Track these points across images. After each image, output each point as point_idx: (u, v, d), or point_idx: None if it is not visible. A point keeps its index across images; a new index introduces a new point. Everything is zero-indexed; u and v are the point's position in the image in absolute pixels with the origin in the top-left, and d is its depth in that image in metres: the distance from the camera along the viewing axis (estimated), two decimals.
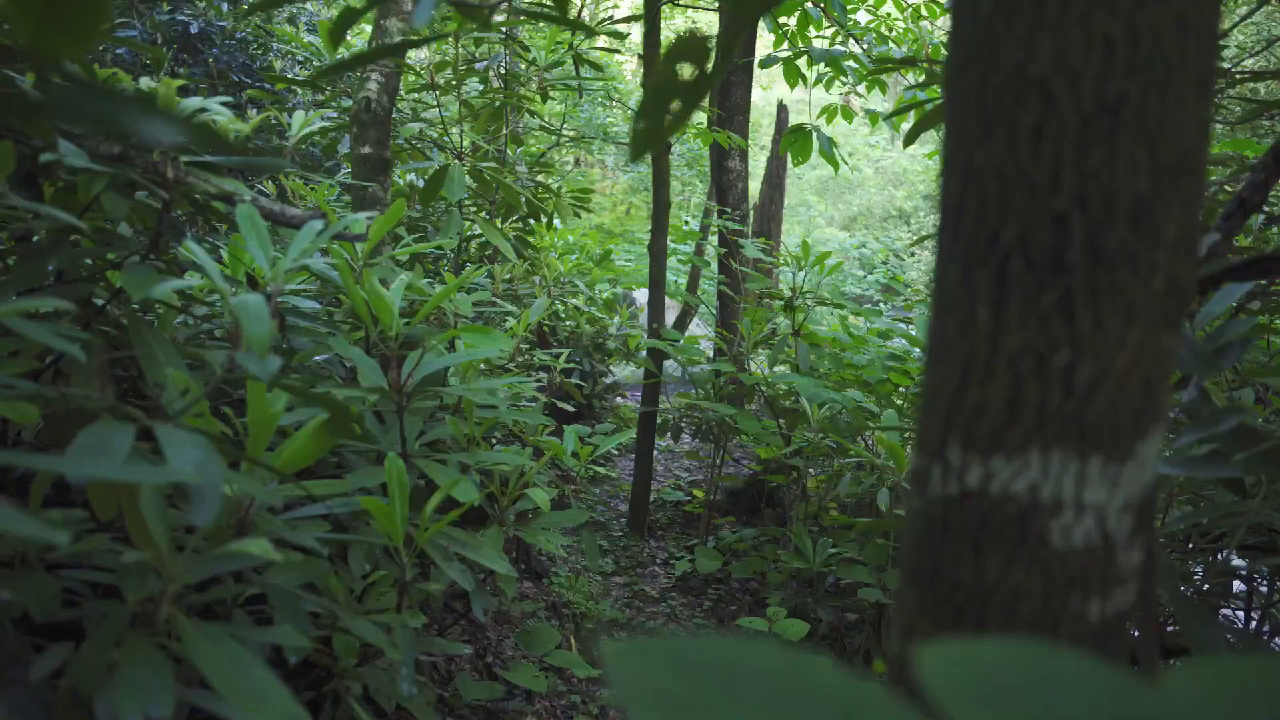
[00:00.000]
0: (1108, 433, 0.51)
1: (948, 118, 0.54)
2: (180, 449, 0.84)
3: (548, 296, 4.19)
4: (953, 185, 0.54)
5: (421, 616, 1.80)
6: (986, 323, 0.52)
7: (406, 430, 1.90)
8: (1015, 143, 0.49)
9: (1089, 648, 0.54)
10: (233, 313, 0.97)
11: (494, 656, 3.06)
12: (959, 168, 0.53)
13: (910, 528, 0.60)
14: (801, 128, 4.00)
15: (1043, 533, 0.53)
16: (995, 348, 0.52)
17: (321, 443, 1.23)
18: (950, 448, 0.55)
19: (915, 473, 0.59)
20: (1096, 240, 0.49)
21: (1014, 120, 0.49)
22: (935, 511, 0.56)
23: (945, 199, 0.55)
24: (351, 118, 2.39)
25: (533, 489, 2.27)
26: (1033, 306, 0.50)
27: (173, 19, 6.42)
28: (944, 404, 0.55)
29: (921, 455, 0.58)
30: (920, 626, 0.58)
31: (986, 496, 0.54)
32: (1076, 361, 0.50)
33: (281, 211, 1.26)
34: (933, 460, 0.57)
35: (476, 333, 1.79)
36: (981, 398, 0.53)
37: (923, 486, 0.58)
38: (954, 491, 0.55)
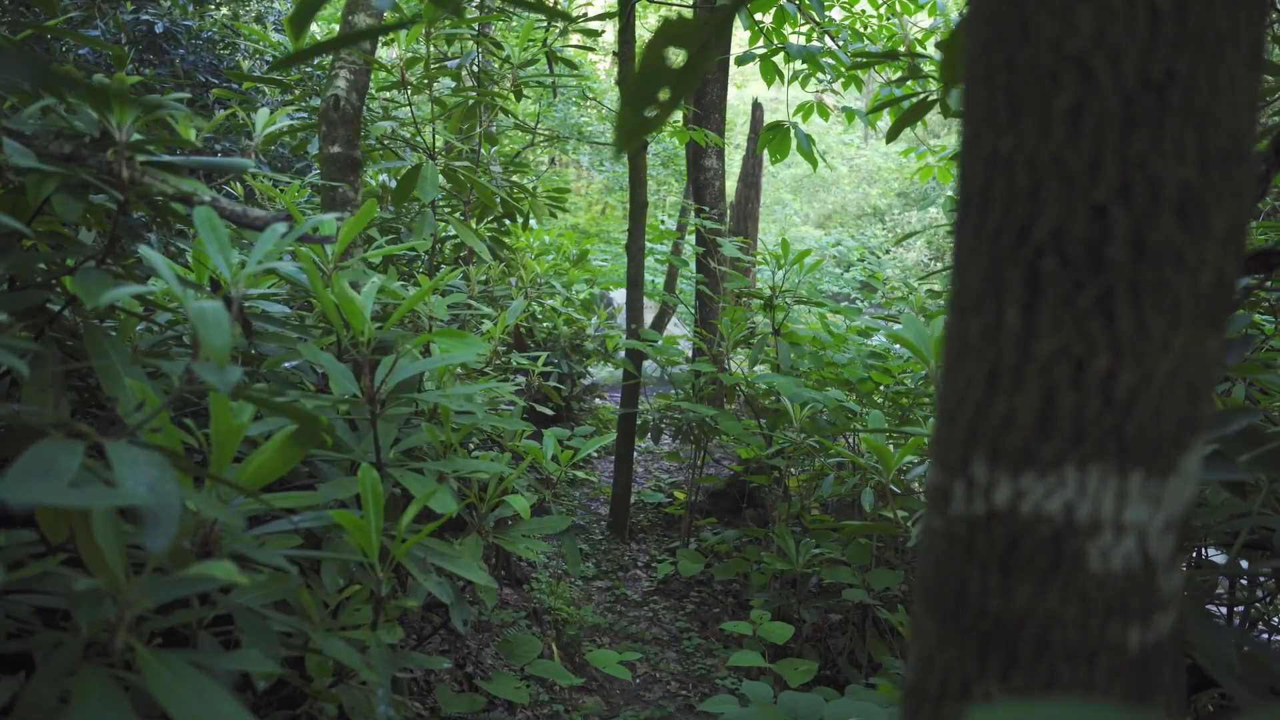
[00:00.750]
0: (1150, 445, 0.47)
1: (968, 100, 0.50)
2: (133, 468, 0.78)
3: (524, 298, 4.13)
4: (975, 174, 0.49)
5: (399, 631, 1.74)
6: (1016, 326, 0.47)
7: (381, 438, 1.83)
8: (1049, 126, 0.44)
9: (1129, 680, 0.50)
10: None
11: (474, 666, 2.99)
12: (983, 155, 0.48)
13: (929, 549, 0.55)
14: (780, 125, 3.96)
15: (1079, 556, 0.48)
16: (1026, 353, 0.47)
17: (289, 455, 1.17)
18: (975, 463, 0.50)
19: (933, 489, 0.54)
20: (1140, 234, 0.44)
21: (1048, 101, 0.44)
22: (958, 532, 0.52)
23: (966, 190, 0.50)
24: (320, 116, 2.32)
25: (512, 496, 2.22)
26: (1068, 307, 0.46)
27: (137, 18, 6.29)
28: (967, 415, 0.50)
29: (941, 470, 0.53)
30: (943, 656, 0.53)
31: (1017, 517, 0.49)
32: (1117, 367, 0.46)
33: (244, 213, 1.20)
34: (954, 476, 0.52)
35: (452, 336, 1.73)
36: (1010, 408, 0.48)
37: (943, 505, 0.53)
38: (979, 511, 0.50)
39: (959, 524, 0.51)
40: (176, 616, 1.10)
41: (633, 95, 0.68)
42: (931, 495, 0.54)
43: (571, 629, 3.48)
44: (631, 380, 4.55)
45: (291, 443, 1.16)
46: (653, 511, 5.16)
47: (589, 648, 3.52)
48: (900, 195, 22.53)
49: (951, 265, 0.53)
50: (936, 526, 0.53)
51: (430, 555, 1.78)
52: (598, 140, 12.46)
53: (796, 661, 3.08)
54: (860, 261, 17.47)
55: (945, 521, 0.52)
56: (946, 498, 0.52)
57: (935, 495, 0.53)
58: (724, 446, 5.70)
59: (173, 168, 1.38)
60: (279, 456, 1.17)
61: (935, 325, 1.68)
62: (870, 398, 4.05)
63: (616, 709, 3.17)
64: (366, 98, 3.14)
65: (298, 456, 1.18)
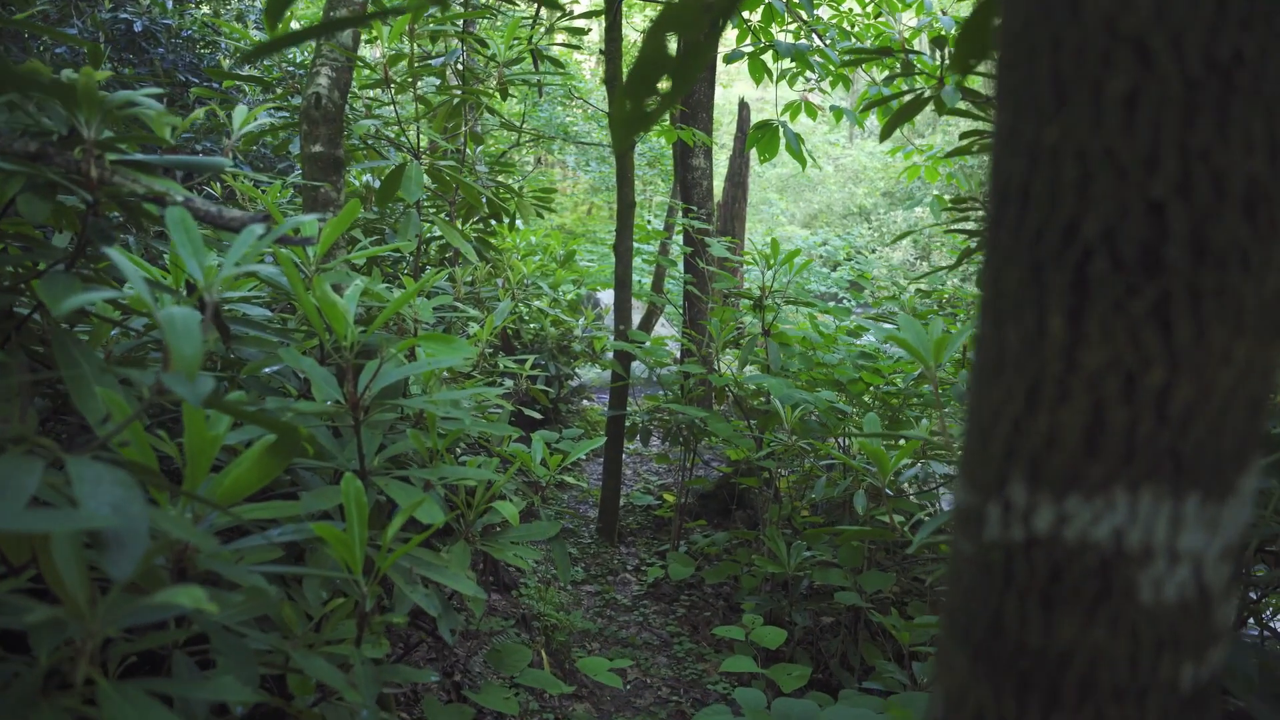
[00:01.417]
0: (1207, 466, 0.43)
1: (1004, 87, 0.45)
2: (95, 487, 0.73)
3: (511, 299, 4.08)
4: (1013, 168, 0.45)
5: (385, 645, 1.69)
6: (1060, 334, 0.43)
7: (365, 445, 1.78)
8: (1101, 114, 0.40)
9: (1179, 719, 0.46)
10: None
11: (463, 675, 2.94)
12: (1023, 147, 0.44)
13: (958, 575, 0.51)
14: (768, 123, 3.92)
15: (1129, 587, 0.44)
16: (1071, 364, 0.43)
17: (268, 467, 1.12)
18: (1012, 484, 0.46)
19: (964, 512, 0.50)
20: (1201, 233, 0.40)
21: (1099, 87, 0.40)
22: (994, 560, 0.47)
23: (1002, 186, 0.46)
24: (301, 114, 2.26)
25: (500, 502, 2.16)
26: (1120, 314, 0.41)
27: (115, 17, 6.19)
28: (1004, 431, 0.46)
29: (972, 490, 0.49)
30: (976, 693, 0.49)
31: (1060, 544, 0.45)
32: (1173, 380, 0.41)
33: (219, 213, 1.14)
34: (988, 498, 0.47)
35: (437, 340, 1.68)
36: (1053, 424, 0.44)
37: (975, 528, 0.48)
38: (1018, 537, 0.46)
39: (994, 550, 0.47)
40: (149, 640, 1.04)
41: (632, 86, 0.63)
42: (961, 517, 0.50)
43: (561, 635, 3.43)
44: (620, 382, 4.50)
45: (270, 454, 1.11)
46: (642, 514, 5.12)
47: (579, 654, 3.47)
48: (885, 195, 22.59)
49: (983, 267, 0.48)
50: (967, 552, 0.49)
51: (417, 566, 1.72)
52: (584, 140, 12.41)
53: (789, 667, 3.04)
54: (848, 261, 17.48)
55: (978, 547, 0.48)
56: (979, 521, 0.48)
57: (966, 518, 0.49)
58: (713, 448, 5.66)
59: (145, 167, 1.32)
60: (257, 469, 1.12)
61: (934, 326, 1.64)
62: (860, 399, 4.01)
63: (608, 716, 3.13)
64: (349, 96, 3.08)
65: (277, 469, 1.13)
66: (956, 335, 1.62)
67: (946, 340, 1.60)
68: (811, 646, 3.71)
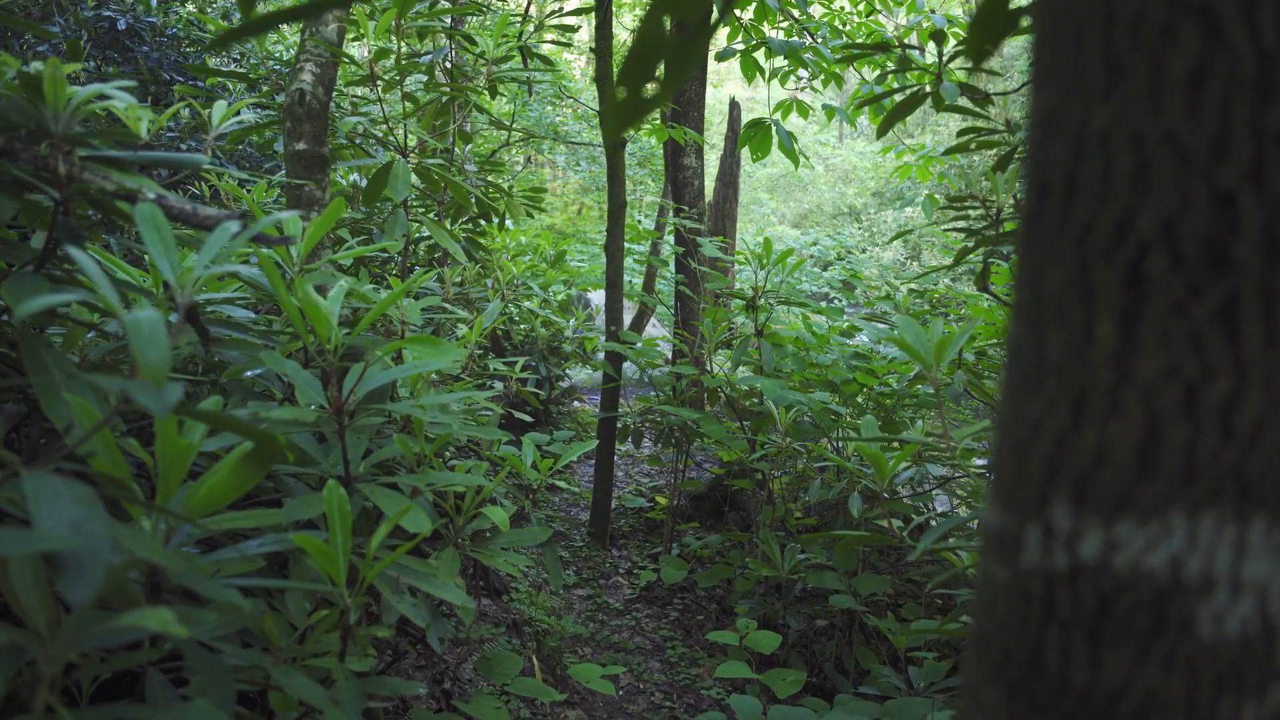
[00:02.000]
0: (1276, 487, 0.38)
1: (1044, 66, 0.41)
2: (53, 504, 0.68)
3: (501, 300, 4.03)
4: (1055, 156, 0.40)
5: (371, 657, 1.64)
6: (1110, 340, 0.39)
7: (350, 451, 1.72)
8: (1161, 94, 0.36)
9: None
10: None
11: (452, 682, 2.89)
12: (1068, 132, 0.39)
13: (989, 604, 0.46)
14: (761, 122, 3.88)
15: (1187, 621, 0.39)
16: (1123, 374, 0.39)
17: (245, 477, 1.06)
18: (1055, 506, 0.41)
19: (997, 534, 0.45)
20: (1276, 226, 0.35)
21: (1159, 63, 0.36)
22: (1033, 588, 0.43)
23: (1042, 176, 0.41)
24: (284, 111, 2.20)
25: (490, 507, 2.11)
26: (1180, 318, 0.37)
27: (98, 15, 6.10)
28: (1044, 448, 0.42)
29: (1007, 511, 0.45)
30: None
31: (1109, 572, 0.40)
32: (1239, 392, 0.37)
33: (193, 211, 1.09)
34: (1027, 520, 0.43)
35: (424, 343, 1.63)
36: (1102, 441, 0.40)
37: (1011, 553, 0.44)
38: (1061, 564, 0.41)
39: (1033, 578, 0.42)
40: (121, 660, 0.99)
41: (627, 72, 0.58)
42: (994, 540, 0.45)
43: (552, 640, 3.38)
44: (611, 383, 4.45)
45: (247, 463, 1.06)
46: (634, 516, 5.07)
47: (571, 659, 3.42)
48: (875, 195, 22.61)
49: (1017, 267, 0.44)
50: (1001, 578, 0.44)
51: (404, 574, 1.67)
52: (574, 140, 12.36)
53: (784, 672, 3.00)
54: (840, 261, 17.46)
55: (1014, 573, 0.43)
56: (1016, 545, 0.43)
57: (1000, 541, 0.45)
58: (705, 449, 5.62)
59: (118, 163, 1.27)
60: (233, 478, 1.07)
61: (934, 327, 1.60)
62: (854, 399, 3.98)
63: None
64: (335, 94, 3.02)
65: (254, 478, 1.08)
66: (957, 336, 1.58)
67: (947, 342, 1.56)
68: (805, 650, 3.68)
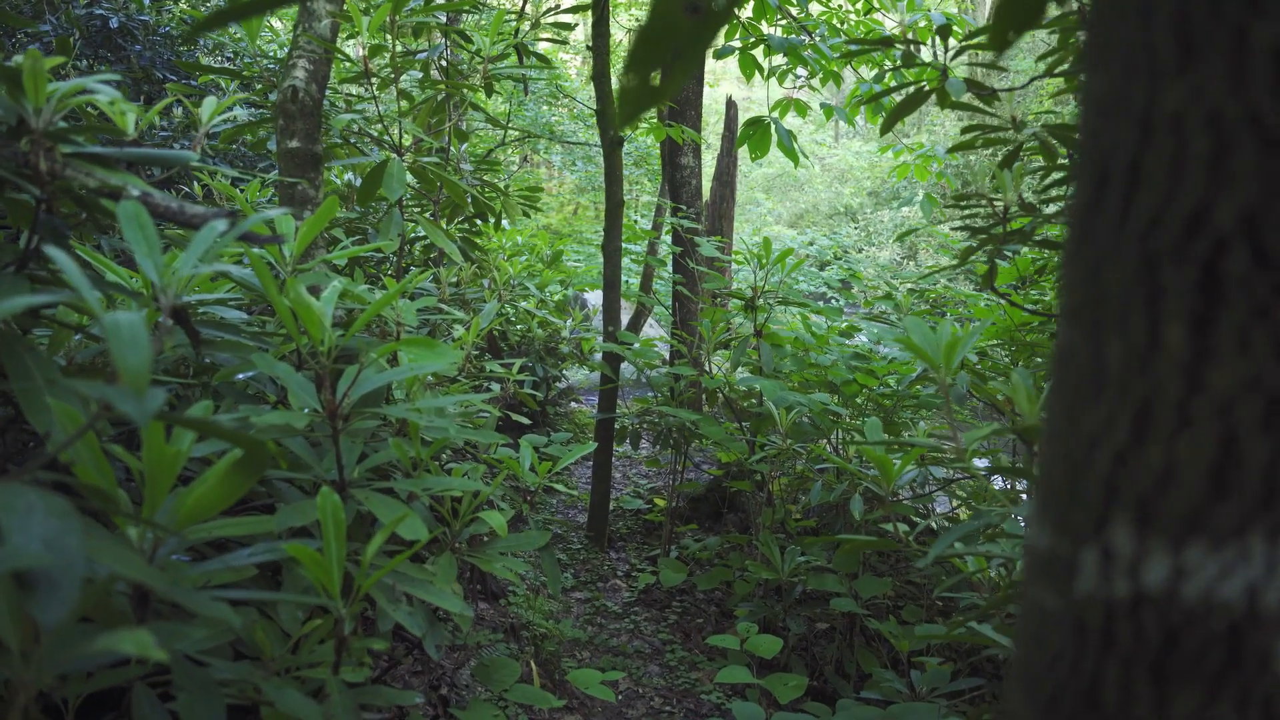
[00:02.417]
0: None
1: (1100, 42, 0.37)
2: (26, 519, 0.64)
3: (498, 301, 3.99)
4: (1116, 141, 0.36)
5: (367, 667, 1.60)
6: (1180, 347, 0.35)
7: (345, 455, 1.68)
8: (1243, 71, 0.32)
9: None
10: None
11: (449, 688, 2.85)
12: (1131, 114, 0.35)
13: (1037, 632, 0.42)
14: (760, 120, 3.84)
15: (1263, 656, 0.36)
16: (1195, 385, 0.35)
17: (234, 485, 1.02)
18: (1115, 528, 0.38)
19: (1047, 557, 0.41)
20: None
21: (1243, 35, 0.32)
22: (1089, 618, 0.39)
23: (1099, 165, 0.37)
24: (276, 108, 2.16)
25: (487, 512, 2.07)
26: (1263, 322, 0.33)
27: (90, 13, 6.05)
28: (1103, 466, 0.38)
29: (1058, 534, 0.41)
30: None
31: (1177, 602, 0.36)
32: None
33: (180, 209, 1.05)
34: (1082, 543, 0.39)
35: (420, 345, 1.59)
36: (1170, 458, 0.36)
37: (1063, 579, 0.40)
38: (1122, 592, 0.38)
39: (1090, 607, 0.39)
40: (104, 679, 0.95)
41: (637, 57, 0.55)
42: (1044, 564, 0.41)
43: (550, 644, 3.34)
44: (609, 384, 4.41)
45: (236, 471, 1.02)
46: (632, 518, 5.03)
47: (569, 663, 3.39)
48: (871, 194, 22.59)
49: (1067, 266, 0.40)
50: (1051, 606, 0.41)
51: (400, 582, 1.64)
52: (570, 140, 12.32)
53: (786, 677, 2.96)
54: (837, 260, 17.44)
55: (1067, 602, 0.40)
56: (1070, 570, 0.40)
57: (1050, 565, 0.41)
58: (703, 450, 5.58)
59: (103, 160, 1.23)
60: (222, 487, 1.03)
61: (942, 328, 1.56)
62: (854, 400, 3.94)
63: None
64: (329, 92, 2.98)
65: (244, 486, 1.04)
66: (966, 337, 1.54)
67: (956, 343, 1.53)
68: (806, 653, 3.64)
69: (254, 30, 2.37)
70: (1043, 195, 2.10)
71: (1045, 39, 13.38)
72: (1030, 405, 1.43)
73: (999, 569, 2.54)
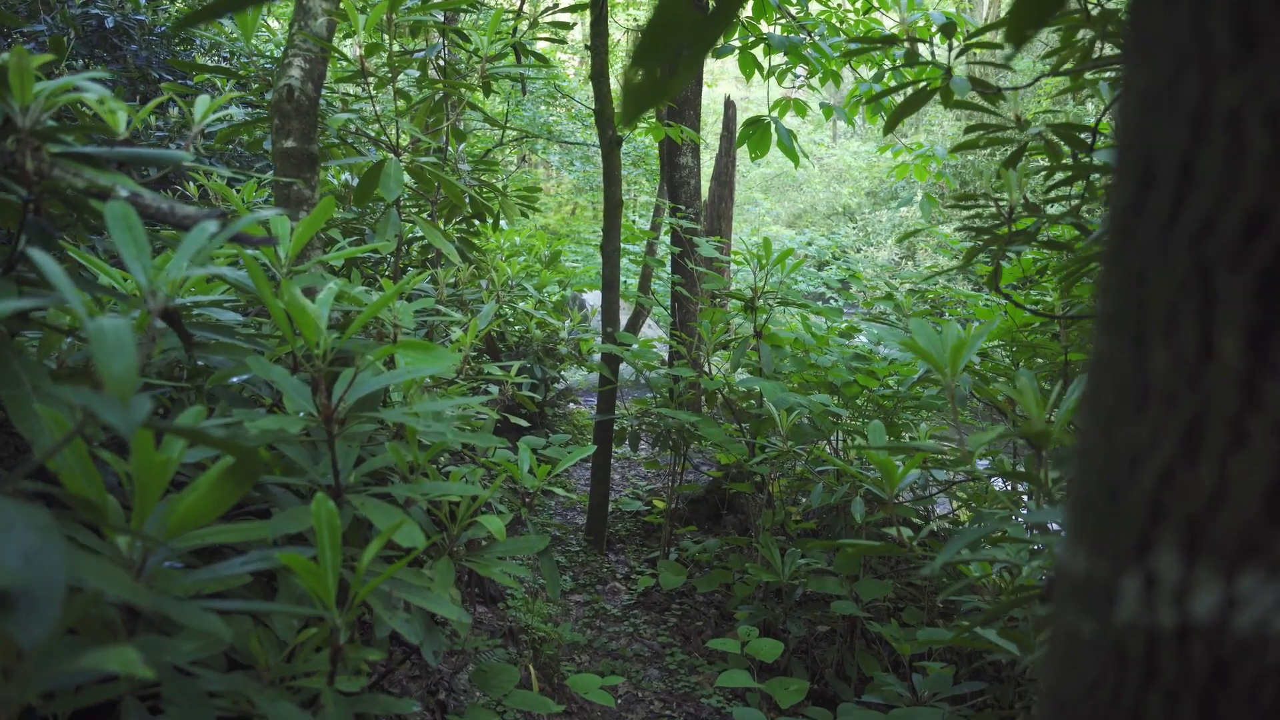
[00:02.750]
0: None
1: (1145, 33, 0.35)
2: (5, 534, 0.61)
3: (496, 302, 3.96)
4: (1164, 139, 0.34)
5: (364, 677, 1.57)
6: (1235, 359, 0.32)
7: (341, 460, 1.66)
8: None
9: None
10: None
11: (447, 693, 2.82)
12: (1181, 110, 0.33)
13: (1073, 663, 0.40)
14: (760, 119, 3.82)
15: None
16: (1251, 399, 0.32)
17: (225, 494, 1.00)
18: (1160, 552, 0.35)
19: (1083, 581, 0.39)
20: None
21: None
22: (1130, 648, 0.36)
23: (1144, 162, 0.35)
24: (272, 108, 2.13)
25: (485, 516, 2.05)
26: None
27: (86, 12, 6.01)
28: (1146, 484, 0.35)
29: (1095, 555, 0.38)
30: None
31: (1228, 634, 0.34)
32: None
33: (170, 210, 1.02)
34: (1123, 568, 0.37)
35: (417, 348, 1.56)
36: (1223, 478, 0.33)
37: (1101, 605, 0.38)
38: (1167, 622, 0.35)
39: (1132, 636, 0.36)
40: (93, 694, 0.93)
41: (644, 50, 0.52)
42: (1079, 588, 0.39)
43: (549, 648, 3.31)
44: (607, 385, 4.39)
45: (228, 479, 0.99)
46: (631, 520, 5.01)
47: (568, 667, 3.36)
48: (869, 194, 22.59)
49: (1105, 271, 0.38)
50: (1087, 633, 0.38)
51: (397, 588, 1.61)
52: (568, 140, 12.30)
53: (787, 681, 2.93)
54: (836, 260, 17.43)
55: (1105, 629, 0.37)
56: (1108, 596, 0.37)
57: (1086, 589, 0.38)
58: (702, 451, 5.56)
59: (93, 160, 1.20)
60: (213, 495, 1.00)
61: (948, 331, 1.54)
62: (854, 401, 3.92)
63: None
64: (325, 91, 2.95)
65: (236, 494, 1.01)
66: (973, 340, 1.52)
67: (963, 345, 1.50)
68: (806, 655, 3.62)
69: (249, 28, 2.34)
70: (1047, 195, 2.08)
71: (1044, 38, 13.36)
72: (1038, 409, 1.41)
73: (1001, 572, 2.52)
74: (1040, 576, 1.70)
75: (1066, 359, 2.88)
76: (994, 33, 1.93)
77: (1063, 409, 1.47)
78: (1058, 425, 1.45)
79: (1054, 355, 3.04)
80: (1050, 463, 1.45)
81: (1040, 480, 1.40)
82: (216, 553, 1.67)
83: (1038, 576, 1.72)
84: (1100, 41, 1.97)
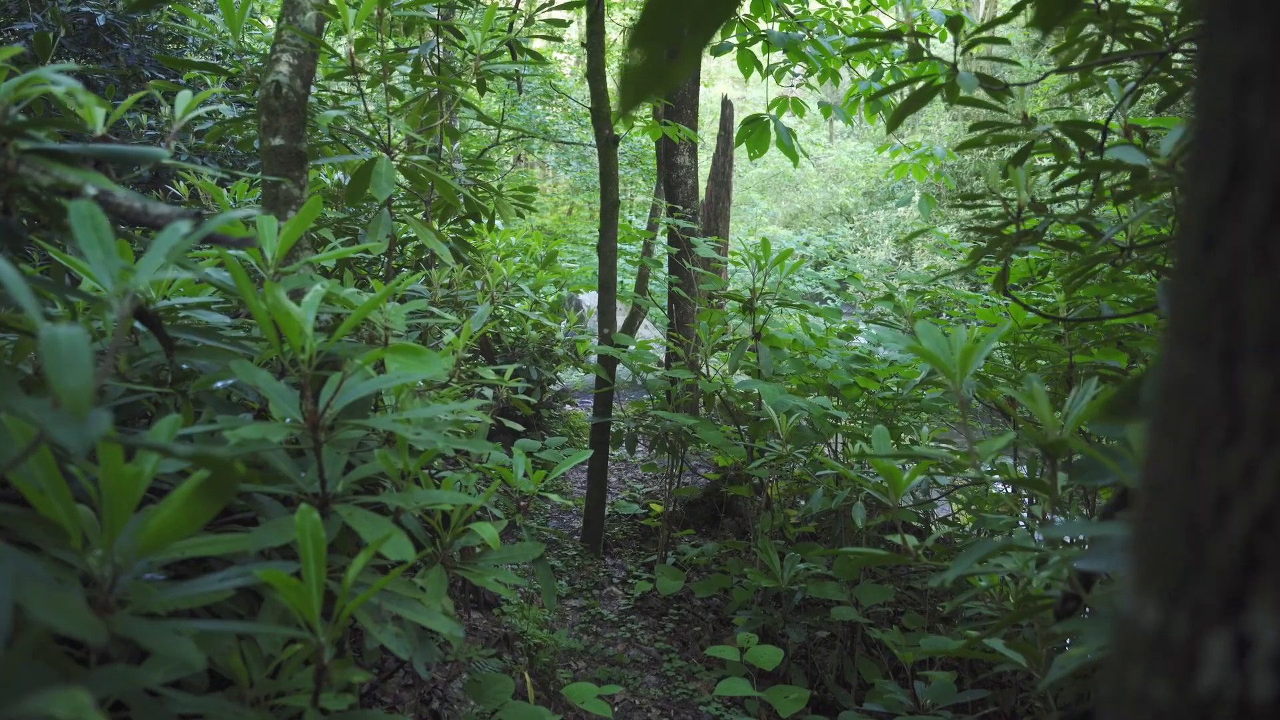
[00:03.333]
0: None
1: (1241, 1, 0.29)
2: None
3: (491, 303, 3.90)
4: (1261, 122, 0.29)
5: (351, 695, 1.52)
6: None
7: (330, 467, 1.60)
8: None
9: None
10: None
11: (440, 702, 2.77)
12: None
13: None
14: (758, 118, 3.77)
15: None
16: None
17: (200, 509, 0.94)
18: (1255, 611, 0.30)
19: (1154, 637, 0.34)
20: None
21: None
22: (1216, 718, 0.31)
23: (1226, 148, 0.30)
24: (259, 104, 2.08)
25: (479, 524, 1.99)
26: None
27: (76, 10, 5.95)
28: (1238, 528, 0.30)
29: (1170, 610, 0.33)
30: None
31: None
32: None
33: (143, 209, 0.97)
34: (1208, 626, 0.31)
35: (407, 353, 1.51)
36: None
37: (1179, 668, 0.32)
38: (1264, 691, 0.30)
39: (1218, 707, 0.31)
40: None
41: (646, 30, 0.47)
42: (1150, 646, 0.33)
43: (545, 655, 3.26)
44: (604, 387, 4.33)
45: (203, 495, 0.94)
46: (628, 524, 4.95)
47: (564, 674, 3.31)
48: (866, 194, 22.56)
49: (1177, 278, 0.32)
50: (1161, 699, 0.33)
51: (387, 601, 1.55)
52: (565, 139, 12.24)
53: (787, 689, 2.88)
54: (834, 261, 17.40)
55: (1183, 695, 0.32)
56: (1189, 658, 0.32)
57: (1159, 647, 0.33)
58: (700, 453, 5.51)
59: (65, 156, 1.14)
60: (187, 510, 0.94)
61: (956, 335, 1.48)
62: (854, 403, 3.87)
63: None
64: (315, 88, 2.89)
65: (212, 509, 0.96)
66: (984, 343, 1.47)
67: (972, 350, 1.45)
68: (805, 661, 3.57)
69: (236, 23, 2.28)
70: (1055, 194, 2.03)
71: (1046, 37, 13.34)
72: (1051, 416, 1.36)
73: (1006, 579, 2.47)
74: (1048, 587, 1.65)
75: (1071, 361, 2.83)
76: (1000, 28, 1.88)
77: (1072, 416, 1.42)
78: (1068, 431, 1.40)
79: (1057, 358, 2.99)
80: (1062, 470, 1.40)
81: (1053, 490, 1.35)
82: (201, 562, 1.61)
83: (1045, 586, 1.67)
84: (1109, 37, 1.93)
